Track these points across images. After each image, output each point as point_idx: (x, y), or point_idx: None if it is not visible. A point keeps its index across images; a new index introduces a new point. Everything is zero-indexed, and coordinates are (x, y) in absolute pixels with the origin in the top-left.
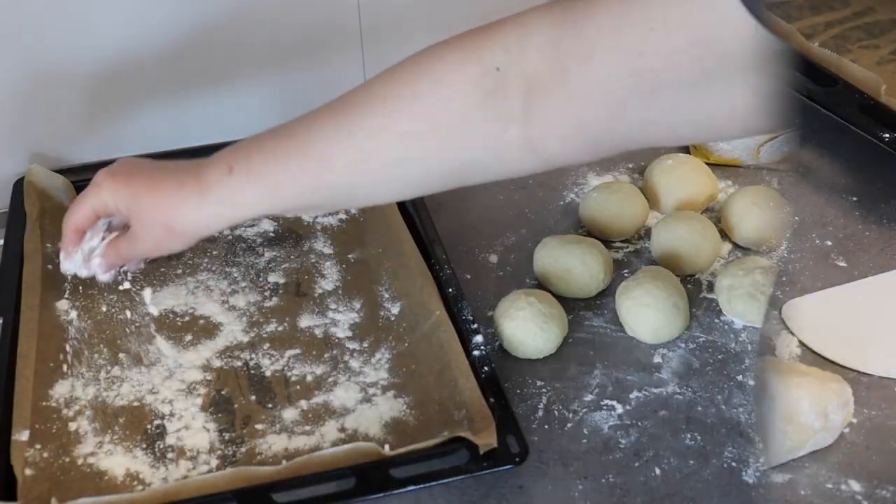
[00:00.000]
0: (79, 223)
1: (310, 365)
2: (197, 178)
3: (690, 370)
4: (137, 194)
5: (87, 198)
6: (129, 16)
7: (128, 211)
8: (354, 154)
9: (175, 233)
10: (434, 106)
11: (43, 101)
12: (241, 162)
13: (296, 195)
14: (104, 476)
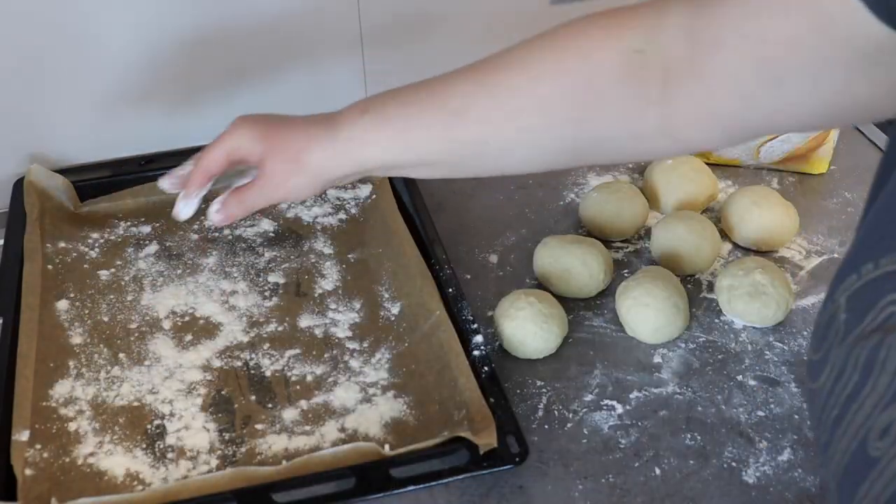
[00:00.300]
0: (210, 165)
1: (310, 365)
2: (329, 119)
3: (690, 370)
4: (270, 132)
5: (222, 140)
6: (130, 17)
7: (262, 148)
8: (492, 110)
9: (304, 169)
10: (578, 78)
11: (43, 101)
12: (377, 105)
13: (426, 144)
14: (104, 476)
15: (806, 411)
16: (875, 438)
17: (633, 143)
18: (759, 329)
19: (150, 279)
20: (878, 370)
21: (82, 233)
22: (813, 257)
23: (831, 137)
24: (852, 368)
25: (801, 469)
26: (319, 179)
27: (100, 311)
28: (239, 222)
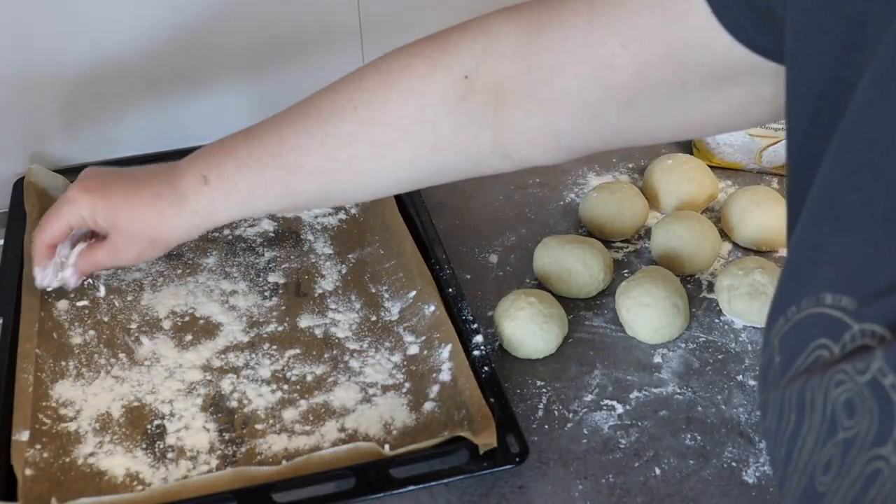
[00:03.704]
0: (53, 238)
1: (310, 365)
2: (173, 187)
3: (690, 370)
4: (116, 206)
5: (62, 213)
6: (128, 16)
7: (107, 223)
8: (327, 163)
9: (156, 242)
10: (405, 116)
11: (43, 101)
12: (214, 171)
13: (270, 202)
14: (104, 476)
15: None
16: (819, 474)
17: (471, 166)
18: (759, 329)
19: (149, 279)
20: (809, 410)
21: None
22: None
23: None
24: (789, 409)
25: None
26: (172, 245)
27: (100, 311)
28: (240, 222)
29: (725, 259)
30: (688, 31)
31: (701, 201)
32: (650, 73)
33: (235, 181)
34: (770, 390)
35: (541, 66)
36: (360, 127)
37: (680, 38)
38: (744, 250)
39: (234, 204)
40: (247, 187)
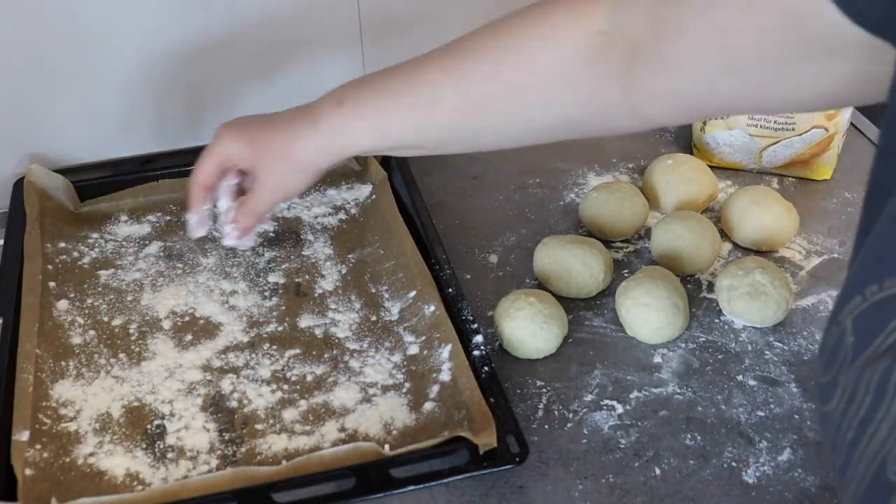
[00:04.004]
0: (205, 179)
1: (310, 365)
2: (307, 113)
3: (690, 370)
4: (255, 135)
5: (210, 150)
6: (130, 16)
7: (250, 152)
8: (460, 99)
9: (294, 164)
10: (541, 61)
11: (43, 101)
12: (351, 96)
13: (402, 132)
14: (104, 476)
15: (806, 411)
16: (893, 463)
17: (600, 121)
18: (759, 329)
19: (150, 279)
20: (890, 394)
21: (82, 233)
22: (813, 257)
23: (835, 144)
24: (864, 392)
25: (801, 469)
26: (309, 171)
27: (100, 311)
28: None
29: (725, 259)
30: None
31: (701, 201)
32: (763, 41)
33: (370, 107)
34: (840, 372)
35: (666, 26)
36: (497, 68)
37: (792, 6)
38: (744, 250)
39: (366, 127)
40: (382, 113)
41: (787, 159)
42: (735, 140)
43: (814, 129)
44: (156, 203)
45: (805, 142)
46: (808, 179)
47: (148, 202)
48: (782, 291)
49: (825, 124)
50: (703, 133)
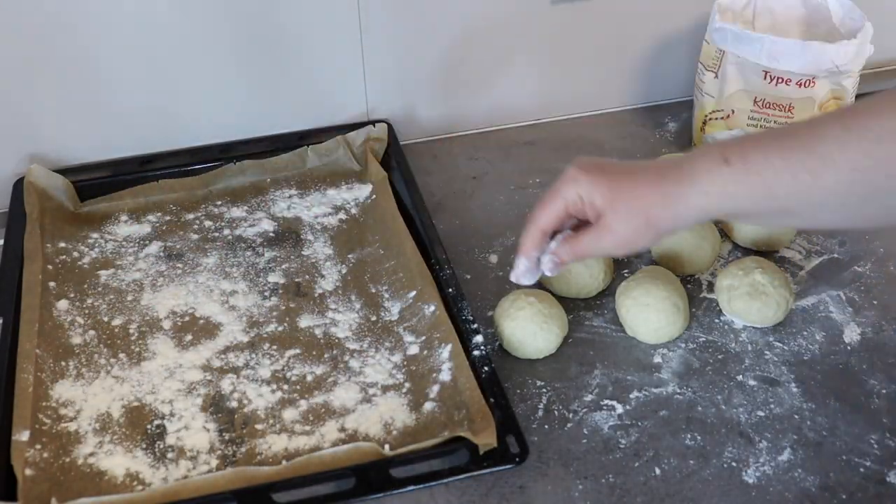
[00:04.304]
0: (547, 223)
1: (310, 365)
2: (679, 169)
3: (690, 370)
4: (617, 184)
5: (560, 191)
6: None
7: (604, 201)
8: (861, 158)
9: (651, 224)
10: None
11: (43, 101)
12: (737, 153)
13: (790, 193)
14: (104, 476)
15: (806, 411)
16: None
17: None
18: (759, 329)
19: (150, 279)
20: None
21: (82, 233)
22: (813, 257)
23: None
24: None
25: (801, 469)
26: (666, 231)
27: (100, 311)
28: (239, 222)
29: (725, 259)
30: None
31: None
32: None
33: (760, 163)
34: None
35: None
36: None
37: None
38: (744, 250)
39: (750, 190)
40: (772, 172)
41: None
42: None
43: None
44: (156, 203)
45: None
46: None
47: (148, 202)
48: (782, 291)
49: None
50: (704, 133)
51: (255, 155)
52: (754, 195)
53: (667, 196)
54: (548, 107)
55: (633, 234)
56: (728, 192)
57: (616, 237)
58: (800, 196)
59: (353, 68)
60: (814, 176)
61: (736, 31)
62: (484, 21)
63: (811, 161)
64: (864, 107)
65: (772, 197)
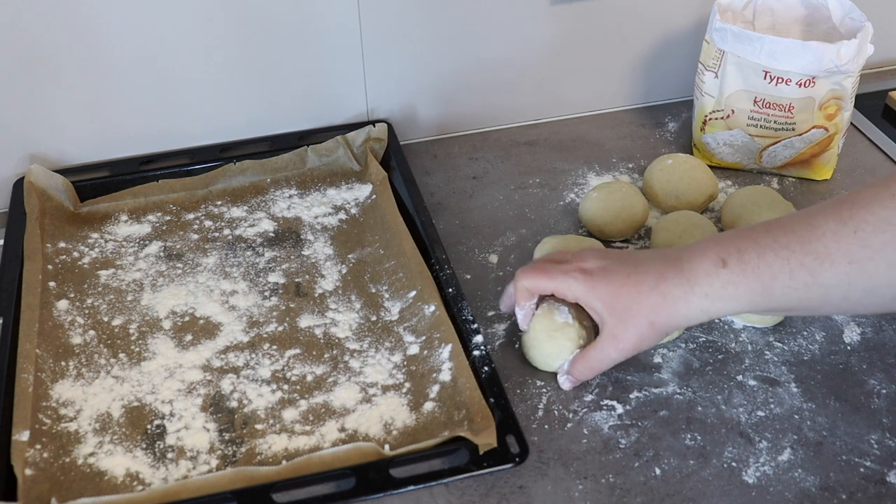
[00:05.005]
0: (534, 288)
1: (310, 365)
2: (679, 269)
3: (690, 370)
4: (616, 289)
5: (557, 280)
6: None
7: (603, 306)
8: (858, 251)
9: (655, 327)
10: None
11: (43, 101)
12: (734, 255)
13: (788, 293)
14: (104, 476)
15: (806, 411)
16: None
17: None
18: (759, 329)
19: (150, 279)
20: None
21: (82, 233)
22: None
23: (835, 144)
24: None
25: (801, 469)
26: (668, 330)
27: (100, 311)
28: (239, 222)
29: None
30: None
31: (701, 201)
32: None
33: (757, 267)
34: None
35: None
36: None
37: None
38: None
39: (749, 291)
40: (769, 274)
41: (787, 159)
42: (735, 140)
43: (814, 128)
44: (156, 203)
45: (805, 142)
46: (808, 179)
47: (148, 202)
48: None
49: (825, 124)
50: (704, 133)
51: (255, 155)
52: (752, 297)
53: (667, 297)
54: (548, 107)
55: (638, 339)
56: (728, 294)
57: (622, 344)
58: (799, 295)
59: (353, 68)
60: (812, 274)
61: (736, 31)
62: (484, 21)
63: (807, 258)
64: (860, 198)
65: (770, 298)
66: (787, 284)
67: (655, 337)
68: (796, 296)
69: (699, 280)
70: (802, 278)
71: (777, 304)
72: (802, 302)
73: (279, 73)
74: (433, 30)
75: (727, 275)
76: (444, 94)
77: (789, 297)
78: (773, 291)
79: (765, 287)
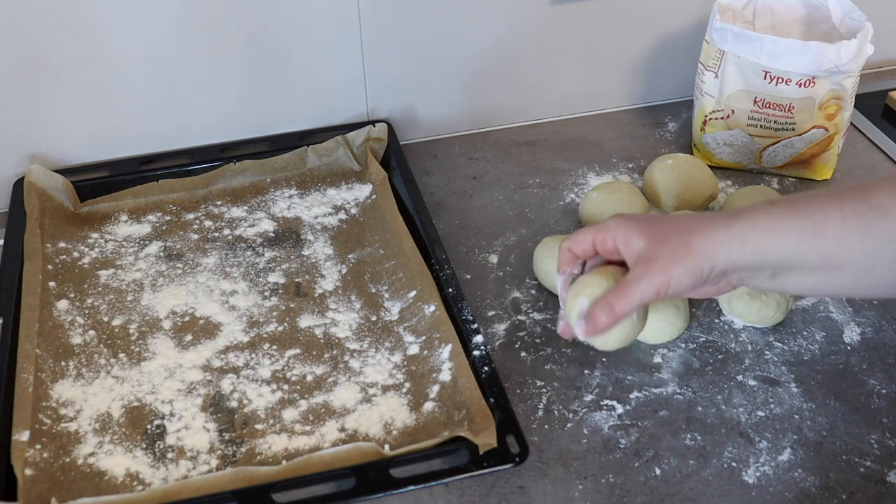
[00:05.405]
0: (576, 249)
1: (310, 365)
2: (725, 212)
3: (690, 370)
4: (657, 223)
5: (594, 227)
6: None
7: (643, 236)
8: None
9: (691, 251)
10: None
11: (43, 101)
12: (783, 200)
13: (839, 240)
14: (104, 476)
15: (806, 411)
16: None
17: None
18: (759, 329)
19: (150, 279)
20: None
21: (82, 233)
22: None
23: (835, 144)
24: None
25: (801, 469)
26: (703, 268)
27: (100, 311)
28: (239, 222)
29: None
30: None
31: (701, 201)
32: None
33: (808, 207)
34: None
35: None
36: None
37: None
38: None
39: (798, 228)
40: (820, 214)
41: (787, 159)
42: (735, 140)
43: (814, 129)
44: (156, 203)
45: (805, 142)
46: (808, 179)
47: (148, 202)
48: None
49: (825, 124)
50: (704, 133)
51: (255, 155)
52: (801, 236)
53: (708, 223)
54: (548, 107)
55: (671, 261)
56: (774, 227)
57: (657, 267)
58: (851, 245)
59: (353, 68)
60: (866, 224)
61: (736, 31)
62: (484, 21)
63: (862, 209)
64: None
65: (821, 241)
66: (840, 229)
67: (693, 268)
68: (847, 246)
69: (744, 213)
70: (856, 227)
71: (829, 252)
72: (854, 255)
73: (279, 73)
74: (433, 30)
75: (776, 210)
76: (444, 94)
77: (841, 244)
78: (825, 234)
79: (816, 227)
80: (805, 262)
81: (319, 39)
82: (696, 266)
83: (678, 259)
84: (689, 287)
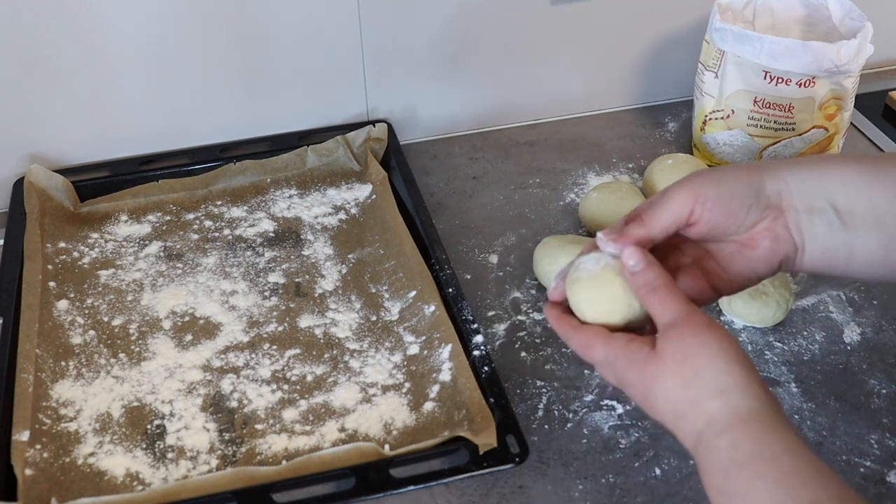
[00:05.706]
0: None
1: (310, 365)
2: None
3: None
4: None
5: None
6: (131, 18)
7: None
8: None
9: (737, 165)
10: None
11: (43, 101)
12: None
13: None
14: (104, 476)
15: (806, 411)
16: None
17: None
18: (759, 329)
19: (150, 279)
20: None
21: (82, 233)
22: None
23: (835, 144)
24: None
25: None
26: (749, 180)
27: (100, 311)
28: (239, 222)
29: None
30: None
31: None
32: None
33: (875, 158)
34: None
35: None
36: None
37: None
38: None
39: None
40: (885, 162)
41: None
42: (735, 140)
43: (814, 129)
44: (156, 203)
45: (805, 142)
46: None
47: (148, 202)
48: (782, 291)
49: (825, 124)
50: (704, 133)
51: (255, 155)
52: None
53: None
54: (548, 107)
55: (716, 169)
56: (837, 166)
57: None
58: (892, 198)
59: (353, 68)
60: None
61: (736, 31)
62: (484, 21)
63: None
64: None
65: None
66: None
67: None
68: (886, 197)
69: (793, 160)
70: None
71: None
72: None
73: (279, 73)
74: (433, 29)
75: (827, 156)
76: (444, 94)
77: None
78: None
79: (878, 168)
80: (850, 209)
81: (319, 39)
82: (741, 176)
83: (720, 168)
84: (728, 202)
